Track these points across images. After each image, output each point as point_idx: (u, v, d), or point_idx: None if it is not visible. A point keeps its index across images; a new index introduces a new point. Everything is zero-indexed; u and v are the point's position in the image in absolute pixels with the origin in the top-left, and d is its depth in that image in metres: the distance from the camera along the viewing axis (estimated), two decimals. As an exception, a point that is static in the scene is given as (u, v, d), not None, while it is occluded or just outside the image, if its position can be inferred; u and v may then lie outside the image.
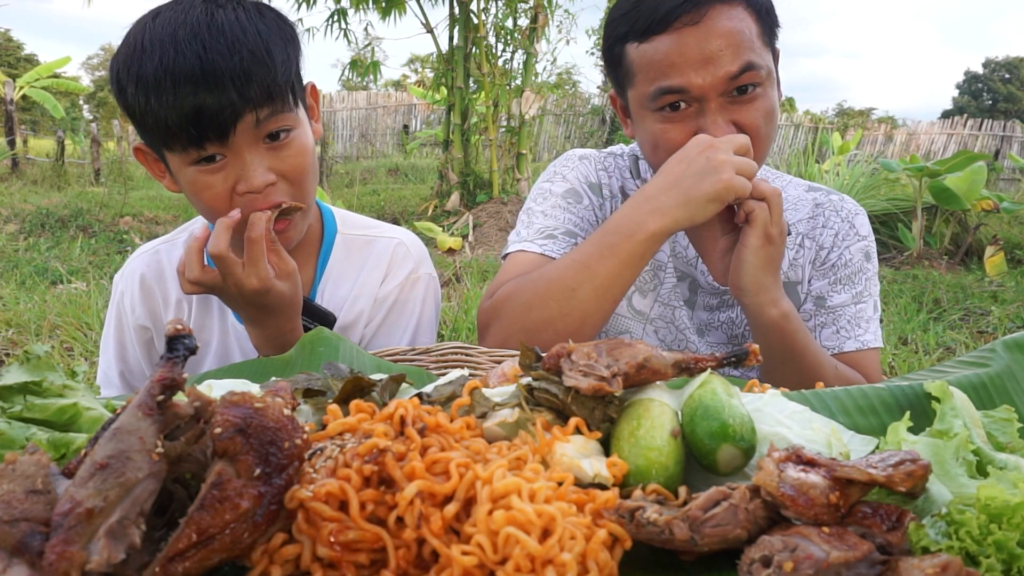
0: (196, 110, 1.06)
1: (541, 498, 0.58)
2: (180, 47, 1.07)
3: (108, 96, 52.25)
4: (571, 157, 1.51)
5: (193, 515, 0.52)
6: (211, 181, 1.13)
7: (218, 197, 1.14)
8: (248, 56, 1.08)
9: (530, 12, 8.43)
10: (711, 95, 1.20)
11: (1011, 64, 51.62)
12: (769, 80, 1.25)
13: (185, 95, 1.06)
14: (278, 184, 1.15)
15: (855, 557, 0.52)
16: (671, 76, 1.20)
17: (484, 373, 1.00)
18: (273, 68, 1.10)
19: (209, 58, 1.06)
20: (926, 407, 0.79)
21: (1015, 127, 17.58)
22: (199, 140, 1.09)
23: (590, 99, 19.34)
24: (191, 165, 1.13)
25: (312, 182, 1.22)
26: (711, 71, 1.18)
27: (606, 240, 1.18)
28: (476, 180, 8.68)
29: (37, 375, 0.74)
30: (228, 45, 1.08)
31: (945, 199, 7.25)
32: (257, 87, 1.09)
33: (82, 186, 11.79)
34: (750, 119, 1.23)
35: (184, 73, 1.06)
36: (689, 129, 1.22)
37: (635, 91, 1.28)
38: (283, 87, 1.12)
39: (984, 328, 4.87)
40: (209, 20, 1.09)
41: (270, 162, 1.13)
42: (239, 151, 1.11)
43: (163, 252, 1.42)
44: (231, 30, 1.09)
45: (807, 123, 18.72)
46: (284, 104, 1.13)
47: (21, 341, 3.92)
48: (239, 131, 1.10)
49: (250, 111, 1.09)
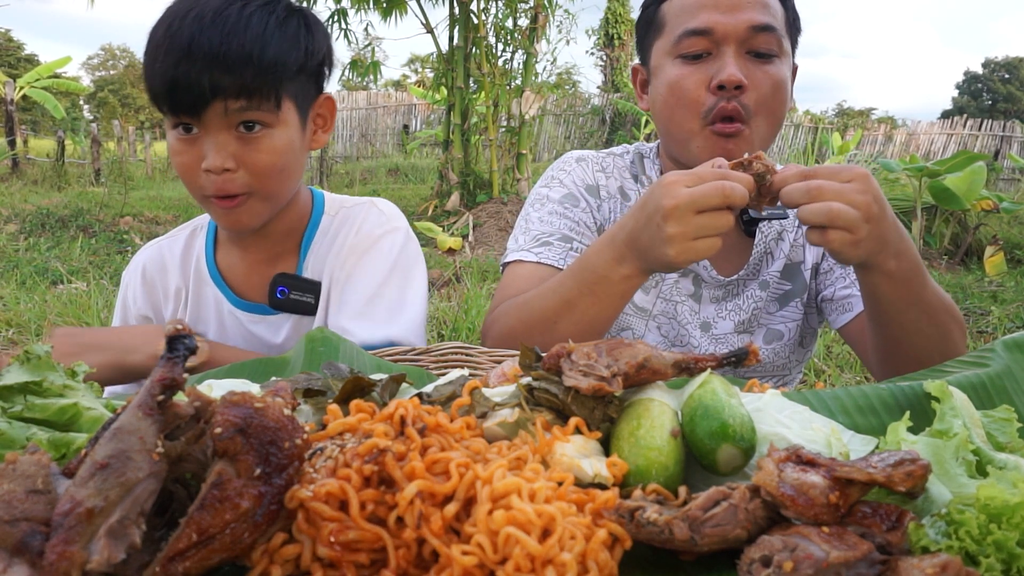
0: (173, 81, 1.15)
1: (541, 498, 0.58)
2: (185, 23, 1.15)
3: (108, 96, 52.10)
4: (568, 160, 1.52)
5: (193, 515, 0.52)
6: (183, 149, 1.21)
7: (187, 166, 1.22)
8: (236, 49, 1.15)
9: (530, 12, 8.44)
10: (731, 40, 1.26)
11: (1011, 64, 51.61)
12: (786, 60, 1.32)
13: (168, 65, 1.14)
14: (238, 173, 1.21)
15: (855, 557, 0.52)
16: (698, 17, 1.27)
17: (484, 373, 1.00)
18: (258, 67, 1.16)
19: (200, 39, 1.14)
20: (926, 407, 0.79)
21: (1015, 127, 17.59)
22: (174, 109, 1.18)
23: (590, 99, 19.35)
24: (173, 128, 1.22)
25: (281, 181, 1.27)
26: (735, 16, 1.25)
27: (585, 277, 1.14)
28: (476, 180, 8.68)
29: (37, 375, 0.74)
30: (222, 34, 1.14)
31: (945, 199, 7.24)
32: (232, 79, 1.15)
33: (82, 186, 11.79)
34: (759, 80, 1.27)
35: (176, 46, 1.14)
36: (704, 77, 1.27)
37: (661, 41, 1.34)
38: (265, 88, 1.18)
39: (984, 328, 4.87)
40: (221, 7, 1.17)
41: (236, 149, 1.20)
42: (209, 129, 1.19)
43: (165, 246, 1.49)
44: (234, 22, 1.16)
45: (807, 123, 18.73)
46: (262, 103, 1.19)
47: (21, 341, 3.92)
48: (209, 113, 1.17)
49: (220, 99, 1.16)
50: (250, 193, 1.23)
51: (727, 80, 1.24)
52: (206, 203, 1.26)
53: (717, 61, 1.27)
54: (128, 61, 55.74)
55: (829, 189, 0.97)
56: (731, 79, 1.24)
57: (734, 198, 0.97)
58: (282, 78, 1.20)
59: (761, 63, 1.28)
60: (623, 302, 1.14)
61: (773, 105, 1.29)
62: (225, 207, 1.23)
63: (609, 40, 23.88)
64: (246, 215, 1.26)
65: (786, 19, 1.32)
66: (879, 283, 1.08)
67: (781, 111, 1.31)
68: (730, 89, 1.25)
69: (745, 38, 1.26)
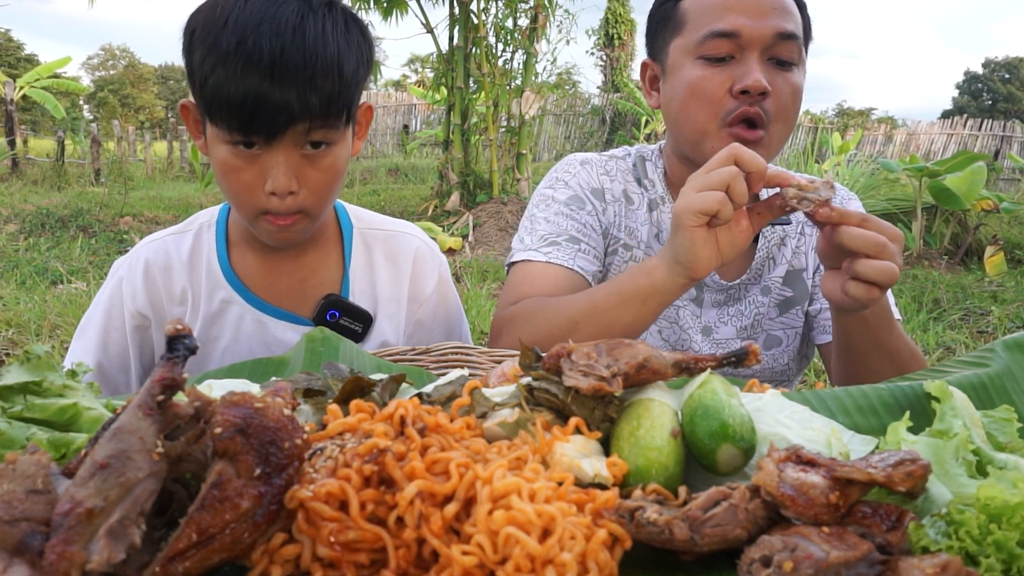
0: (255, 102, 1.07)
1: (541, 498, 0.58)
2: (261, 38, 1.07)
3: (108, 96, 51.87)
4: (572, 162, 1.51)
5: (193, 515, 0.52)
6: (243, 166, 1.14)
7: (244, 185, 1.15)
8: (320, 70, 1.09)
9: (530, 12, 8.43)
10: (756, 46, 1.26)
11: (1011, 64, 51.62)
12: (802, 68, 1.33)
13: (249, 83, 1.07)
14: (300, 193, 1.16)
15: (855, 557, 0.52)
16: (724, 19, 1.26)
17: (484, 373, 1.00)
18: (339, 86, 1.12)
19: (284, 59, 1.07)
20: (926, 407, 0.79)
21: (1015, 127, 17.60)
22: (246, 129, 1.10)
23: (590, 99, 19.35)
24: (227, 144, 1.14)
25: (333, 196, 1.24)
26: (763, 22, 1.24)
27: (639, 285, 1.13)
28: (476, 180, 8.68)
29: (37, 375, 0.74)
30: (305, 53, 1.08)
31: (945, 199, 7.24)
32: (318, 100, 1.10)
33: (82, 186, 11.80)
34: (780, 87, 1.27)
35: (256, 63, 1.07)
36: (726, 79, 1.27)
37: (681, 39, 1.33)
38: (342, 107, 1.14)
39: (984, 328, 4.88)
40: (297, 23, 1.10)
41: (300, 170, 1.15)
42: (277, 150, 1.13)
43: (171, 243, 1.39)
44: (313, 40, 1.10)
45: (807, 123, 18.74)
46: (337, 121, 1.15)
47: (21, 341, 3.92)
48: (287, 134, 1.11)
49: (304, 120, 1.10)
50: (304, 212, 1.19)
51: (752, 86, 1.23)
52: (257, 219, 1.20)
53: (741, 66, 1.26)
54: (128, 61, 55.69)
55: (889, 249, 0.97)
56: (756, 85, 1.23)
57: (743, 155, 0.98)
58: (356, 94, 1.16)
59: (782, 71, 1.28)
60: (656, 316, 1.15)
61: (790, 113, 1.30)
62: (281, 225, 1.18)
63: (609, 40, 23.89)
64: (297, 233, 1.23)
65: (803, 26, 1.32)
66: (852, 326, 1.16)
67: (795, 118, 1.33)
68: (754, 95, 1.25)
69: (770, 44, 1.25)
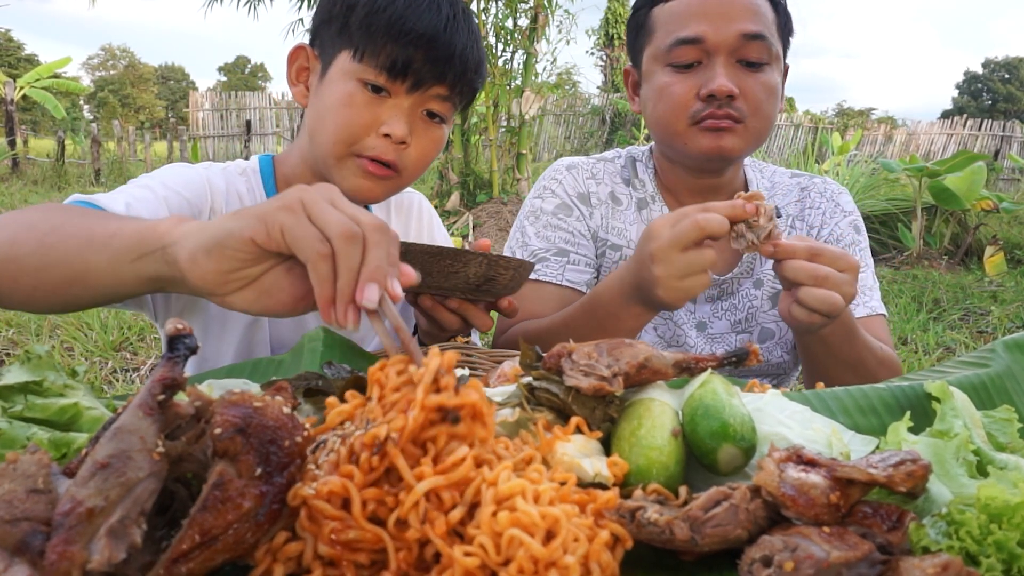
0: (428, 42, 1.13)
1: (546, 500, 0.58)
2: (438, 4, 1.16)
3: (108, 96, 51.69)
4: (559, 169, 1.54)
5: (195, 516, 0.52)
6: (362, 104, 1.16)
7: (359, 122, 1.17)
8: (473, 57, 1.20)
9: (530, 12, 8.43)
10: (722, 50, 1.27)
11: (1011, 64, 51.64)
12: (777, 65, 1.32)
13: (429, 23, 1.14)
14: (405, 151, 1.20)
15: (856, 557, 0.52)
16: (689, 26, 1.28)
17: (484, 373, 1.00)
18: (478, 75, 1.22)
19: (452, 27, 1.16)
20: (926, 407, 0.79)
21: (1015, 127, 17.60)
22: (398, 71, 1.14)
23: (590, 99, 19.35)
24: (358, 81, 1.16)
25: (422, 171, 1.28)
26: (727, 25, 1.26)
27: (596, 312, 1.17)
28: (476, 180, 8.67)
29: (38, 375, 0.74)
30: (468, 32, 1.18)
31: (945, 199, 7.25)
32: (466, 72, 1.19)
33: (82, 186, 11.80)
34: (751, 88, 1.28)
35: (437, 10, 1.15)
36: (694, 84, 1.28)
37: (651, 47, 1.35)
38: (471, 92, 1.24)
39: (984, 328, 4.88)
40: (460, 8, 1.20)
41: (414, 129, 1.20)
42: (406, 102, 1.17)
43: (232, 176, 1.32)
44: (475, 30, 1.21)
45: (807, 123, 18.74)
46: (461, 102, 1.24)
47: (21, 341, 3.92)
48: (428, 90, 1.17)
49: (446, 83, 1.17)
50: (399, 173, 1.22)
51: (718, 90, 1.25)
52: (345, 160, 1.19)
53: (708, 71, 1.27)
54: (128, 61, 55.65)
55: (833, 279, 0.99)
56: (721, 89, 1.25)
57: (710, 227, 0.96)
58: (479, 81, 1.24)
59: (752, 72, 1.29)
60: (635, 335, 1.16)
61: (765, 109, 1.31)
62: (372, 172, 1.20)
63: (609, 40, 23.90)
64: (382, 191, 1.25)
65: (777, 23, 1.33)
66: (812, 343, 1.17)
67: (773, 112, 1.34)
68: (721, 98, 1.26)
69: (736, 47, 1.27)
